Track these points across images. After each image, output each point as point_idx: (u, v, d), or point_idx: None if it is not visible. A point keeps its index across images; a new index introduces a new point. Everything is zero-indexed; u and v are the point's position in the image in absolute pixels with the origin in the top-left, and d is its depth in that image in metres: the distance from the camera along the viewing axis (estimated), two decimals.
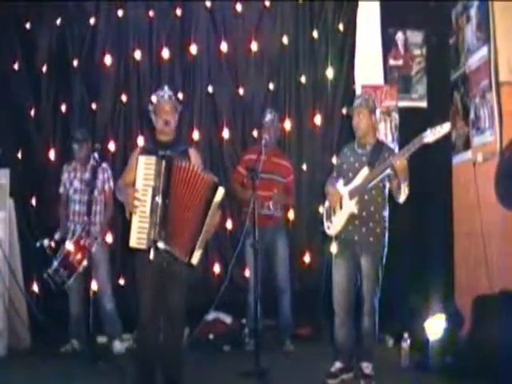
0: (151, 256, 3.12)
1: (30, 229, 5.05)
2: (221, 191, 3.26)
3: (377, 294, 3.68)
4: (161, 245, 3.13)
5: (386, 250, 3.71)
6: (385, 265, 3.74)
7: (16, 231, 4.64)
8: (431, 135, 3.37)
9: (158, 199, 3.14)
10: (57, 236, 4.44)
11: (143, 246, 3.15)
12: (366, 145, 3.77)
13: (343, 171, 3.83)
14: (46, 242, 4.38)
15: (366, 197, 3.66)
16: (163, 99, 3.43)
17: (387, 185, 3.71)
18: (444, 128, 3.36)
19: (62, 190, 4.61)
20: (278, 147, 4.85)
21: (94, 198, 4.38)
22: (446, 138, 4.98)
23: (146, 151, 3.32)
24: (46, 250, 4.36)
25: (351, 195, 3.67)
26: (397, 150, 3.92)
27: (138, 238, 3.14)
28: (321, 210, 3.97)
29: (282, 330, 4.62)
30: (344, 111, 5.21)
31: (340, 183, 3.80)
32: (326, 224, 3.87)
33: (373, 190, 3.66)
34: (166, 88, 3.52)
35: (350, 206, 3.66)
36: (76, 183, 4.51)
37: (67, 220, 4.52)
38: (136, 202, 3.12)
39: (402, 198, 3.63)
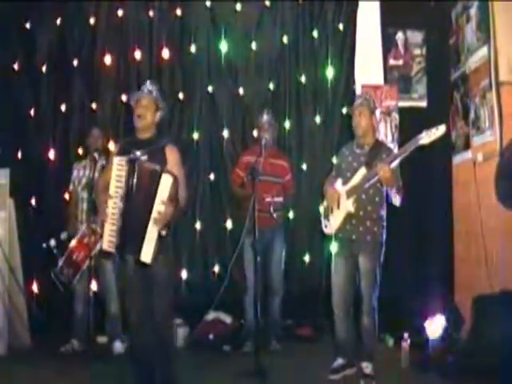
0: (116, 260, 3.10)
1: (30, 229, 5.05)
2: (165, 179, 3.00)
3: (376, 292, 3.69)
4: (128, 257, 3.11)
5: (383, 248, 3.73)
6: (385, 265, 3.74)
7: (16, 231, 4.63)
8: (426, 137, 3.37)
9: (120, 204, 3.05)
10: (62, 236, 4.44)
11: (113, 250, 3.10)
12: (365, 145, 3.78)
13: (341, 171, 3.84)
14: (52, 242, 4.39)
15: (363, 196, 3.67)
16: (141, 93, 3.28)
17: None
18: (439, 130, 3.36)
19: (71, 187, 4.61)
20: (274, 147, 4.85)
21: None
22: (446, 137, 5.01)
23: (122, 150, 3.20)
24: (52, 251, 4.36)
25: (348, 194, 3.69)
26: (396, 151, 3.92)
27: (109, 241, 3.08)
28: (321, 209, 3.97)
29: (269, 329, 4.58)
30: (344, 111, 5.21)
31: (338, 182, 3.81)
32: (323, 223, 3.90)
33: (370, 190, 3.67)
34: (147, 82, 3.35)
35: (347, 205, 3.68)
36: (84, 181, 4.50)
37: (76, 220, 4.50)
38: (108, 210, 3.05)
39: (395, 203, 3.65)
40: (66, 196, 5.05)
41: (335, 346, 3.86)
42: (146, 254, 3.02)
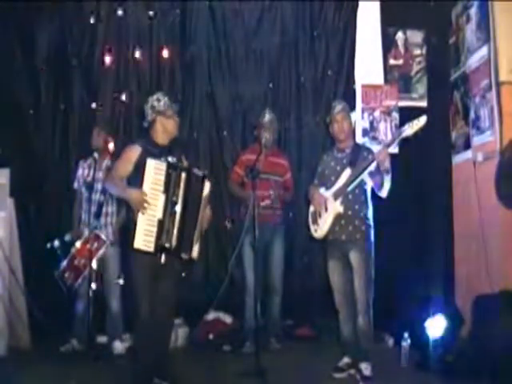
0: (162, 260, 3.24)
1: (30, 229, 5.05)
2: (207, 185, 3.46)
3: (371, 291, 3.71)
4: (184, 256, 3.31)
5: (372, 246, 3.77)
6: (385, 265, 3.75)
7: (16, 231, 4.63)
8: (409, 129, 3.53)
9: (178, 208, 3.26)
10: (67, 237, 4.43)
11: (150, 249, 3.20)
12: (345, 149, 3.88)
13: (325, 177, 3.92)
14: (56, 243, 4.37)
15: (349, 196, 3.75)
16: (171, 106, 3.46)
17: (368, 183, 3.78)
18: (421, 121, 3.51)
19: (76, 185, 4.57)
20: (274, 146, 4.85)
21: (105, 199, 4.36)
22: (446, 137, 5.02)
23: (149, 153, 3.31)
24: (56, 252, 4.36)
25: (335, 196, 3.76)
26: (393, 150, 3.96)
27: (144, 240, 3.19)
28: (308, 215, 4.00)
29: (269, 329, 4.58)
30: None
31: (322, 190, 3.88)
32: (312, 228, 3.94)
33: (356, 190, 3.75)
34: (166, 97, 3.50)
35: (336, 207, 3.75)
36: (88, 180, 4.45)
37: (80, 220, 4.47)
38: (146, 204, 3.20)
39: (385, 192, 3.70)
40: (67, 195, 5.06)
41: (341, 345, 3.87)
42: (196, 252, 3.42)
